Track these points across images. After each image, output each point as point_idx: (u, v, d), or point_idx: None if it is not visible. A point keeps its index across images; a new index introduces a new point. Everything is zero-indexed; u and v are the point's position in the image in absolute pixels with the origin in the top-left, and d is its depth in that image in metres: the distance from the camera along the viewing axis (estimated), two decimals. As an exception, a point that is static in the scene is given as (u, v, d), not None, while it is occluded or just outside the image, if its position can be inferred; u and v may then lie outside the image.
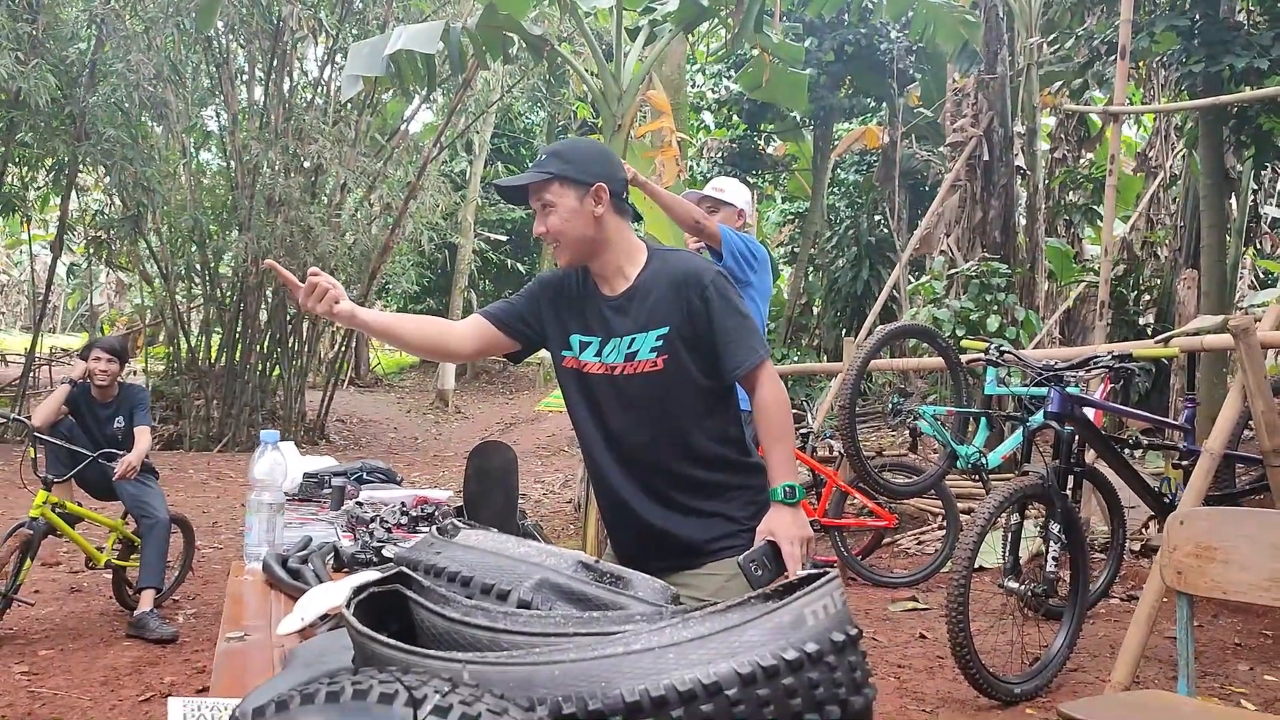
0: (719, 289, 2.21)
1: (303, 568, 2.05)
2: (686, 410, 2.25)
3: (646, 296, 2.25)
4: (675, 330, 2.21)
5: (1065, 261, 11.45)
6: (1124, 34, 6.40)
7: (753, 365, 2.20)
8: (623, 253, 2.29)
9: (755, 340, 2.23)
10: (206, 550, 6.61)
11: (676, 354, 2.21)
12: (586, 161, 2.26)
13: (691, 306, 2.20)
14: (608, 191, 2.23)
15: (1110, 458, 4.59)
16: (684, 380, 2.23)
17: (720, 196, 4.28)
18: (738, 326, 2.21)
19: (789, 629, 1.04)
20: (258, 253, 12.45)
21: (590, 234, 2.23)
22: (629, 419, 2.27)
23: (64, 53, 11.07)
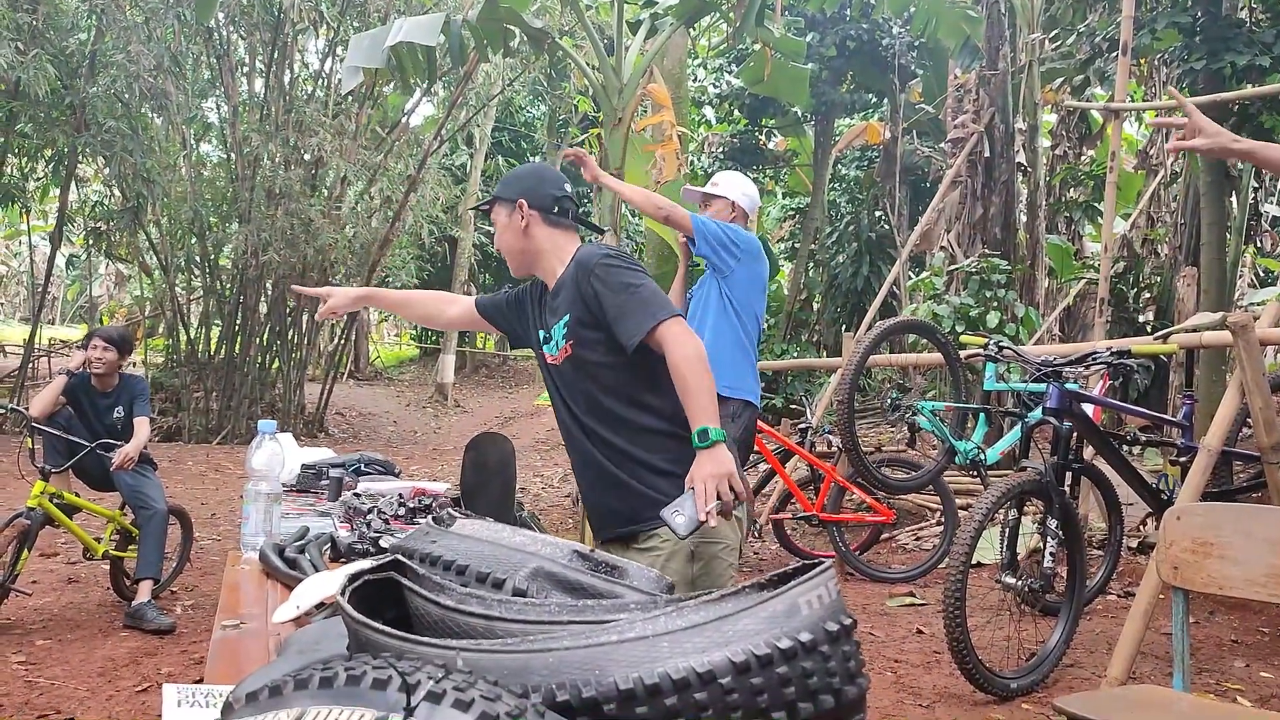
0: (604, 270, 2.39)
1: (299, 557, 2.05)
2: (601, 386, 2.43)
3: (559, 291, 2.51)
4: (575, 317, 2.43)
5: (1065, 258, 11.46)
6: (1126, 31, 6.40)
7: (645, 331, 2.32)
8: (555, 258, 2.54)
9: (647, 309, 2.34)
10: (204, 541, 6.62)
11: (580, 337, 2.43)
12: (513, 180, 2.59)
13: (584, 292, 2.40)
14: (526, 205, 2.50)
15: (1108, 454, 4.59)
16: (591, 360, 2.42)
17: (713, 190, 4.27)
18: (626, 300, 2.36)
19: (783, 618, 1.04)
20: (258, 245, 12.45)
21: (519, 245, 2.54)
22: (567, 401, 2.51)
23: (64, 43, 11.06)
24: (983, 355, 4.57)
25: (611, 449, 2.42)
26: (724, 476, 2.22)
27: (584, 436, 2.47)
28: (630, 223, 19.51)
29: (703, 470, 2.24)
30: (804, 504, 6.31)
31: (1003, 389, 4.93)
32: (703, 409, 2.28)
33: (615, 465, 2.42)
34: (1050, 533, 4.08)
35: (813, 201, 16.38)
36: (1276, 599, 2.56)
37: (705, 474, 2.23)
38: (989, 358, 4.55)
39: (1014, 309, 8.52)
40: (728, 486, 2.21)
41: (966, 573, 3.89)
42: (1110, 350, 4.35)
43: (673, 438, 2.39)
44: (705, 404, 2.29)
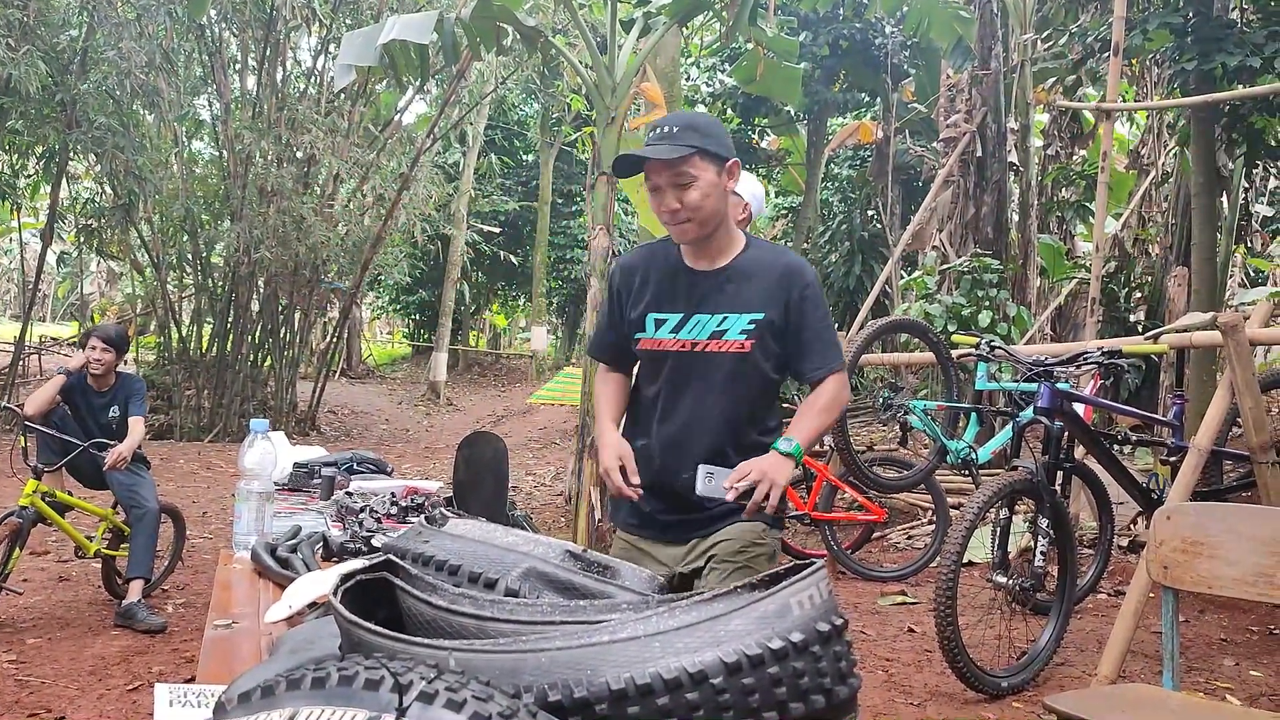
0: (816, 291, 2.32)
1: (291, 556, 2.05)
2: (751, 395, 2.34)
3: (747, 280, 2.31)
4: (769, 319, 2.29)
5: (1057, 258, 11.49)
6: (1117, 31, 6.42)
7: (829, 371, 2.32)
8: (729, 234, 2.35)
9: (836, 350, 2.35)
10: (196, 540, 6.60)
11: (763, 341, 2.29)
12: (722, 136, 2.30)
13: (789, 300, 2.28)
14: (735, 168, 2.30)
15: (1099, 453, 4.61)
16: (763, 368, 2.32)
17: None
18: (826, 331, 2.34)
19: (774, 618, 1.04)
20: (250, 243, 12.41)
21: (723, 209, 2.29)
22: (694, 394, 2.34)
23: (55, 40, 11.01)
24: (974, 355, 4.59)
25: (715, 452, 2.31)
26: (772, 482, 2.18)
27: (714, 429, 2.33)
28: (623, 221, 19.52)
29: (762, 464, 2.21)
30: (796, 503, 6.32)
31: (994, 388, 4.94)
32: (809, 429, 2.32)
33: (721, 458, 2.29)
34: (1041, 532, 4.09)
35: (805, 201, 16.40)
36: (1266, 598, 2.57)
37: (761, 467, 2.20)
38: (981, 357, 4.56)
39: (1006, 308, 8.54)
40: (766, 491, 2.17)
41: (958, 571, 3.90)
42: (1101, 350, 4.36)
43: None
44: (810, 429, 2.32)
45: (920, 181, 13.99)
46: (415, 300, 25.48)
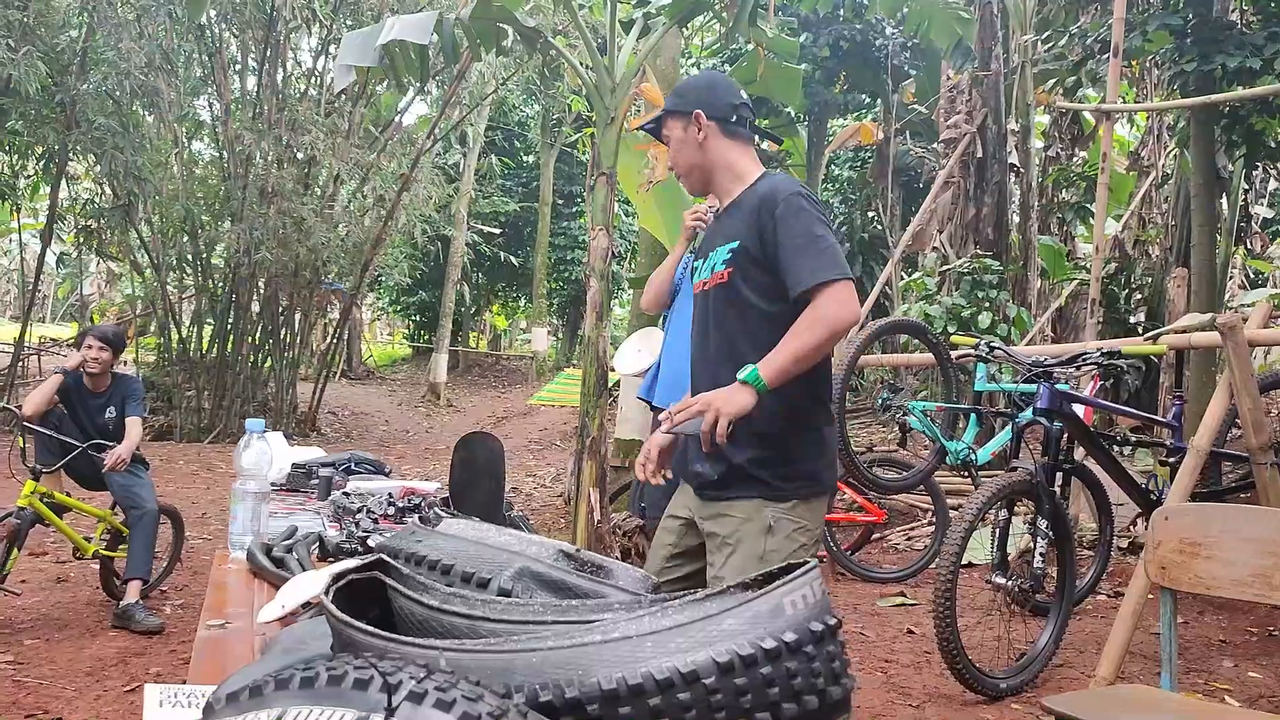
0: (794, 207, 2.20)
1: (287, 557, 2.05)
2: (748, 329, 2.26)
3: (734, 213, 2.34)
4: (744, 245, 2.26)
5: (1057, 259, 11.47)
6: (1117, 32, 6.41)
7: (817, 282, 2.13)
8: (731, 175, 2.38)
9: (823, 261, 2.16)
10: (195, 541, 6.60)
11: (743, 268, 2.26)
12: (686, 91, 2.43)
13: (761, 222, 2.23)
14: (704, 116, 2.35)
15: (1098, 454, 4.60)
16: (745, 296, 2.26)
17: None
18: (805, 246, 2.17)
19: (767, 618, 1.04)
20: (250, 244, 12.41)
21: (697, 160, 2.37)
22: (707, 332, 2.36)
23: (55, 40, 11.01)
24: (974, 356, 4.58)
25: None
26: (718, 410, 2.08)
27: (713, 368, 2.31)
28: (623, 222, 19.52)
29: (709, 394, 2.15)
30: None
31: (994, 389, 4.94)
32: (781, 359, 2.12)
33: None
34: (1040, 533, 4.09)
35: (806, 202, 16.37)
36: (1264, 599, 2.57)
37: (706, 397, 2.14)
38: (980, 358, 4.56)
39: (1006, 309, 8.53)
40: (712, 422, 2.08)
41: (957, 573, 3.89)
42: (1101, 351, 4.36)
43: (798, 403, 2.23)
44: (788, 359, 2.12)
45: (921, 183, 13.98)
46: (415, 301, 25.49)
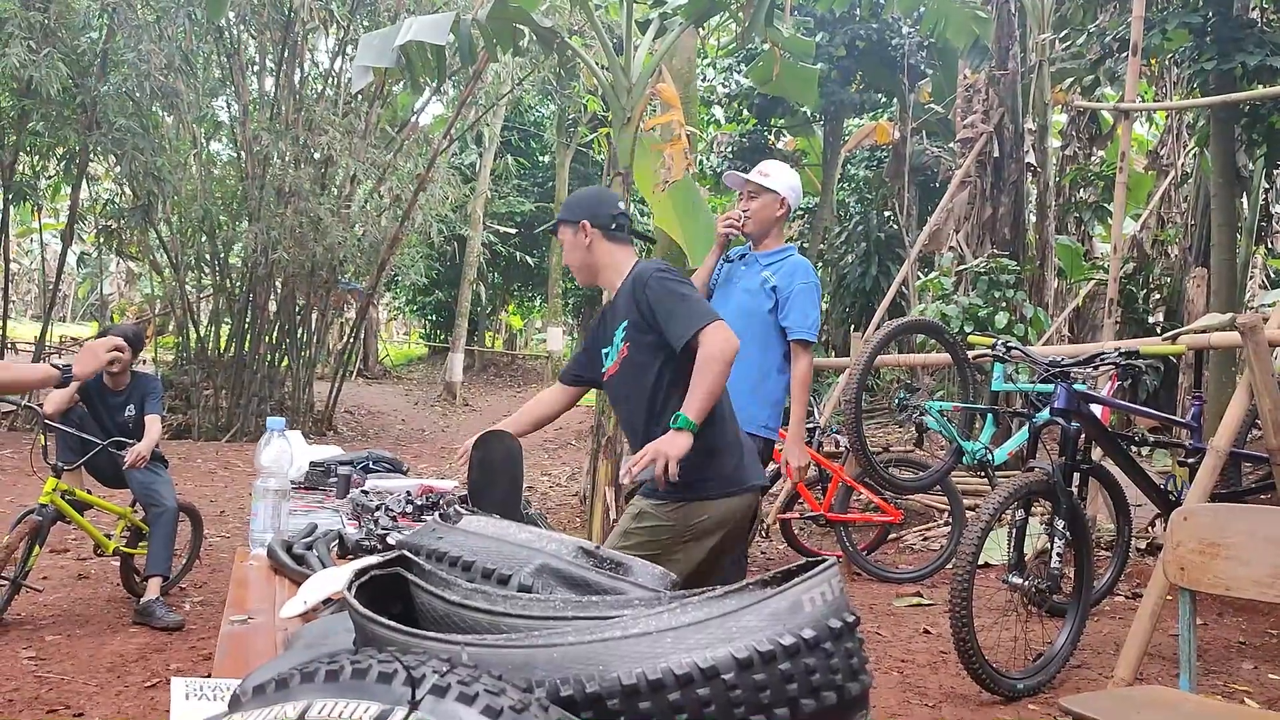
0: (658, 281, 2.77)
1: (307, 553, 2.06)
2: (650, 384, 2.82)
3: (618, 299, 2.90)
4: (632, 321, 2.82)
5: (1075, 259, 11.43)
6: (1136, 31, 6.38)
7: (692, 332, 2.68)
8: (614, 270, 2.94)
9: (695, 314, 2.72)
10: (214, 539, 6.64)
11: (635, 339, 2.82)
12: (575, 203, 2.99)
13: (639, 299, 2.78)
14: (589, 225, 2.90)
15: (1116, 455, 4.58)
16: (645, 360, 2.81)
17: (763, 182, 3.90)
18: (676, 305, 2.73)
19: (786, 615, 1.04)
20: (267, 243, 12.48)
21: (585, 260, 2.94)
22: (621, 400, 2.96)
23: (75, 42, 11.10)
24: (990, 356, 4.56)
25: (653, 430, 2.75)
26: (664, 455, 2.57)
27: (633, 429, 2.89)
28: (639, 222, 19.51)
29: (657, 443, 2.61)
30: (811, 504, 6.31)
31: (1011, 389, 4.92)
32: (696, 399, 2.64)
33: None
34: (1058, 533, 4.07)
35: (821, 201, 16.37)
36: (1283, 600, 2.55)
37: (656, 447, 2.60)
38: (997, 358, 4.54)
39: (1023, 309, 8.50)
40: (663, 466, 2.55)
41: (973, 573, 3.88)
42: (1119, 351, 4.34)
43: (701, 434, 2.66)
44: (700, 397, 2.64)
45: (937, 182, 13.94)
46: (431, 301, 25.55)
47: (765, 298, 3.84)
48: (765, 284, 3.85)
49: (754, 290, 3.87)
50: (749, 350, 3.67)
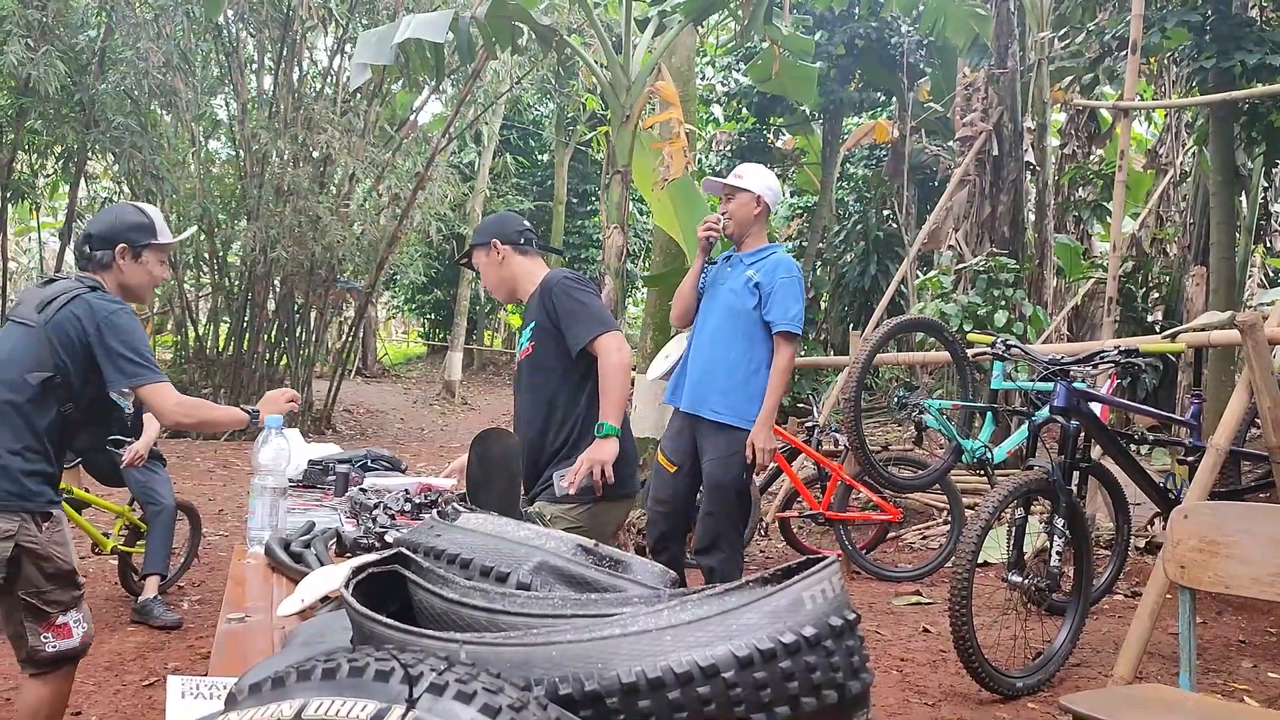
0: (561, 289, 3.05)
1: (305, 551, 2.06)
2: (549, 382, 3.09)
3: (529, 304, 3.17)
4: (538, 324, 3.09)
5: (1074, 258, 11.43)
6: (1135, 29, 6.37)
7: (588, 339, 2.97)
8: (528, 280, 3.20)
9: (592, 322, 2.99)
10: (212, 537, 6.63)
11: (540, 341, 3.10)
12: (483, 228, 3.25)
13: (545, 304, 3.06)
14: (499, 243, 3.17)
15: (1116, 453, 4.57)
16: (543, 360, 3.09)
17: (738, 183, 4.04)
18: (576, 311, 3.01)
19: (786, 613, 1.04)
20: (266, 242, 12.46)
21: (500, 275, 3.19)
22: (520, 391, 3.24)
23: (73, 40, 11.08)
24: (990, 353, 4.56)
25: (539, 429, 3.11)
26: (600, 463, 2.87)
27: (526, 420, 3.18)
28: (638, 220, 19.52)
29: (590, 452, 2.89)
30: (810, 502, 6.31)
31: (1010, 388, 4.91)
32: (613, 406, 2.93)
33: (538, 440, 3.11)
34: (1057, 532, 4.07)
35: (820, 200, 16.35)
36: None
37: (589, 455, 2.88)
38: (997, 356, 4.53)
39: (1022, 308, 8.49)
40: (600, 472, 2.86)
41: (973, 571, 3.88)
42: (1118, 349, 4.33)
43: (580, 430, 3.05)
44: (615, 404, 2.94)
45: (936, 181, 13.94)
46: (430, 299, 25.53)
47: (749, 295, 3.94)
48: (749, 282, 3.95)
49: (739, 289, 3.98)
50: (737, 347, 3.94)
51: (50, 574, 2.73)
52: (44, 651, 2.72)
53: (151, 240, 2.97)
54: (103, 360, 2.73)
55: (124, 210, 3.03)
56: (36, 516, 2.73)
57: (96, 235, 2.90)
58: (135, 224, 2.94)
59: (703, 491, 4.05)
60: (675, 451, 4.10)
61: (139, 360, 2.77)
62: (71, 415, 2.78)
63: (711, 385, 3.96)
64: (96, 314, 2.73)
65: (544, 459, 3.10)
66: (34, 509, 2.72)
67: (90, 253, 2.90)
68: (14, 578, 2.67)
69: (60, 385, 2.71)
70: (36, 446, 2.71)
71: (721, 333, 3.98)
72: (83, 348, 2.72)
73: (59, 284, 2.84)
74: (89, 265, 2.91)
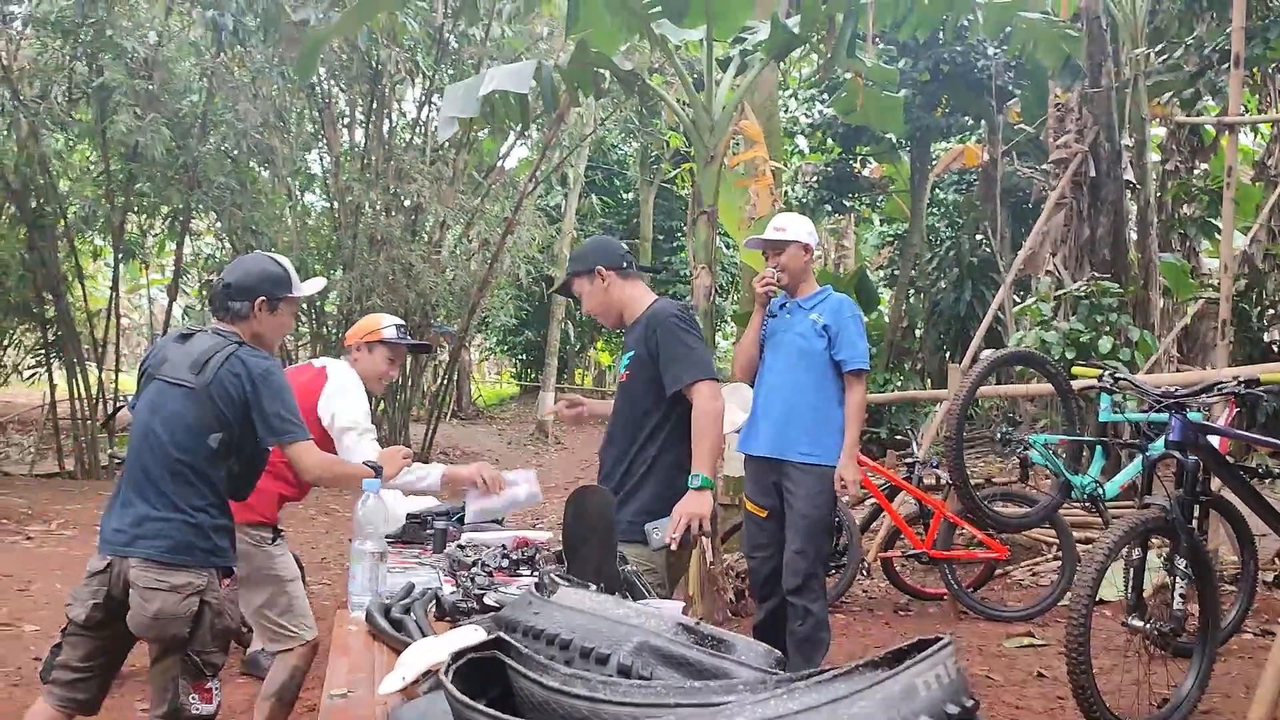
0: (670, 325, 3.05)
1: (405, 618, 2.05)
2: (638, 411, 3.10)
3: (633, 329, 3.17)
4: (637, 355, 3.12)
5: (1181, 277, 11.02)
6: (1237, 42, 6.15)
7: (686, 383, 3.00)
8: (637, 304, 3.19)
9: (692, 366, 3.02)
10: (315, 587, 6.74)
11: (636, 371, 3.12)
12: (583, 255, 3.25)
13: (648, 337, 3.07)
14: (604, 269, 3.17)
15: (1238, 487, 4.35)
16: (638, 389, 3.10)
17: (782, 236, 4.19)
18: (678, 353, 3.02)
19: (899, 700, 0.98)
20: (361, 290, 12.76)
21: (606, 301, 3.18)
22: (617, 412, 3.23)
23: (177, 105, 11.55)
24: (1098, 387, 4.39)
25: (615, 456, 3.14)
26: (699, 516, 2.90)
27: (610, 441, 3.19)
28: (725, 255, 19.50)
29: (686, 506, 2.90)
30: (913, 541, 6.15)
31: (1119, 419, 4.73)
32: (705, 456, 2.95)
33: (614, 468, 3.14)
34: (1180, 572, 3.87)
35: (911, 227, 16.14)
36: None
37: (686, 509, 2.89)
38: (1104, 389, 4.37)
39: (1127, 333, 8.21)
40: (699, 525, 2.89)
41: (1090, 615, 3.71)
42: (1236, 379, 4.13)
43: (667, 469, 3.06)
44: (708, 454, 2.96)
45: (1030, 204, 13.63)
46: (521, 341, 25.84)
47: (818, 337, 4.11)
48: (815, 325, 4.12)
49: (806, 333, 4.14)
50: (813, 388, 4.12)
51: (219, 632, 2.82)
52: (188, 712, 2.76)
53: (288, 293, 3.04)
54: (256, 417, 2.81)
55: (261, 261, 3.10)
56: (219, 572, 2.84)
57: (236, 286, 2.96)
58: (273, 276, 3.01)
59: (790, 531, 4.08)
60: (762, 496, 4.20)
61: (290, 418, 2.85)
62: (236, 471, 2.87)
63: (797, 427, 4.08)
64: (252, 371, 2.81)
65: (616, 486, 3.10)
66: (221, 564, 2.84)
67: (229, 303, 2.97)
68: (194, 633, 2.74)
69: (229, 443, 2.80)
70: (218, 503, 2.82)
71: (796, 376, 4.12)
72: (242, 405, 2.81)
73: (203, 340, 2.90)
74: (226, 315, 2.98)
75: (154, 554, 2.70)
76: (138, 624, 2.71)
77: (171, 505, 2.73)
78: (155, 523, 2.72)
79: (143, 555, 2.70)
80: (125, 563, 2.72)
